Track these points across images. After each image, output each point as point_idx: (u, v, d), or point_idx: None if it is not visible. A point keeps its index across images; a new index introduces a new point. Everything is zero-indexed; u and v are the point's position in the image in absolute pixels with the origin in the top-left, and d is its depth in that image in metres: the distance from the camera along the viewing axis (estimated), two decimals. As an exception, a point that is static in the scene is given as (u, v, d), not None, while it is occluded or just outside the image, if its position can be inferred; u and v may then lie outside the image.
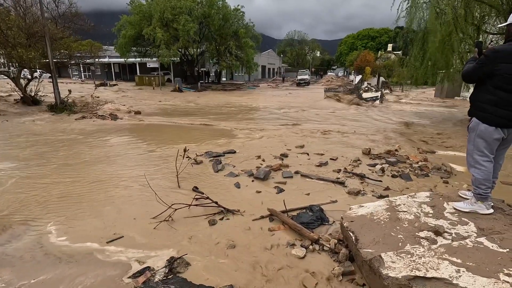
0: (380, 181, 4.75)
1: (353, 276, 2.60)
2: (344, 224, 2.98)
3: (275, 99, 20.27)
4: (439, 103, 17.65)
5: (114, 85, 26.82)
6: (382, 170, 5.29)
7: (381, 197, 4.14)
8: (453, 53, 9.46)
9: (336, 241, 3.03)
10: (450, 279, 1.96)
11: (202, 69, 32.98)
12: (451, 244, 2.35)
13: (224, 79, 38.64)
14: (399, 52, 51.53)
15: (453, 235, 2.51)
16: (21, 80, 12.05)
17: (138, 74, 31.12)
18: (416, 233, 2.63)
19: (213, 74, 35.17)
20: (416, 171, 5.31)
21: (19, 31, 10.72)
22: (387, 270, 2.14)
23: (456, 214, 2.84)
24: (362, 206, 3.29)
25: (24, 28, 10.95)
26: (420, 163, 5.77)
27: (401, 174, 5.10)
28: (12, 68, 12.85)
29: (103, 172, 5.17)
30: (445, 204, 3.05)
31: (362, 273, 2.60)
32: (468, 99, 2.95)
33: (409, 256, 2.26)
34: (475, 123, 2.71)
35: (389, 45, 56.04)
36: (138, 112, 11.87)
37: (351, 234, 2.81)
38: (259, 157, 6.13)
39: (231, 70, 32.19)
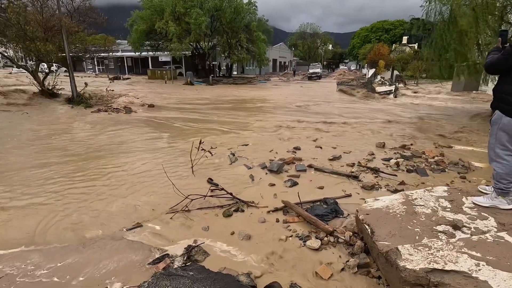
0: (395, 175, 4.70)
1: (368, 268, 2.62)
2: (360, 217, 2.99)
3: (287, 92, 20.14)
4: (456, 97, 17.13)
5: (127, 78, 27.22)
6: (397, 164, 5.22)
7: (396, 191, 4.09)
8: (474, 45, 9.13)
9: (351, 233, 3.04)
10: (470, 272, 1.95)
11: (213, 62, 33.01)
12: (470, 238, 2.33)
13: (235, 72, 38.59)
14: (414, 45, 50.15)
15: (472, 229, 2.48)
16: (39, 74, 12.37)
17: (150, 68, 31.43)
18: (434, 227, 2.61)
19: (224, 67, 35.16)
20: (432, 166, 5.22)
21: (36, 25, 10.98)
22: (404, 262, 2.15)
23: (475, 209, 2.79)
24: (378, 199, 3.28)
25: (41, 22, 11.20)
26: (436, 158, 5.67)
27: (417, 168, 5.02)
28: (29, 62, 13.20)
29: (122, 163, 5.31)
30: (463, 199, 3.01)
31: (377, 265, 2.61)
32: (488, 92, 2.87)
33: (426, 249, 2.26)
34: (498, 116, 2.65)
35: (403, 37, 54.52)
36: (151, 106, 12.04)
37: (367, 226, 2.82)
38: (272, 150, 6.15)
39: (242, 63, 32.10)
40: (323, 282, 2.47)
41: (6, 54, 12.31)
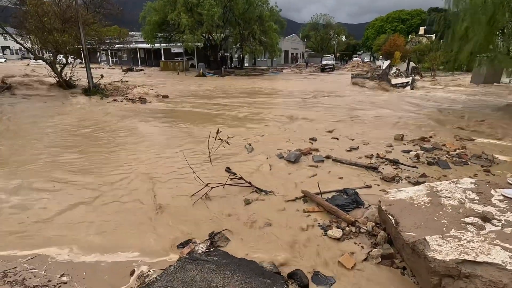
0: (416, 167, 4.60)
1: (392, 259, 2.59)
2: (383, 207, 2.94)
3: (300, 84, 19.91)
4: (475, 89, 16.54)
5: (140, 70, 27.49)
6: (417, 156, 5.11)
7: (417, 183, 4.01)
8: (498, 34, 8.73)
9: (373, 224, 3.01)
10: (504, 264, 1.90)
11: (225, 54, 32.87)
12: (502, 231, 2.26)
13: (246, 64, 38.36)
14: (432, 35, 48.47)
15: (503, 222, 2.40)
16: (57, 66, 12.61)
17: (163, 59, 31.59)
18: (462, 219, 2.54)
19: (236, 59, 34.96)
20: (454, 159, 5.08)
21: (54, 17, 11.15)
22: (433, 253, 2.11)
23: (505, 201, 2.71)
24: (401, 190, 3.22)
25: (59, 13, 11.36)
26: (457, 150, 5.51)
27: (438, 161, 4.90)
28: (46, 54, 13.44)
29: (144, 152, 5.40)
30: (492, 191, 2.91)
31: (402, 256, 2.57)
32: (511, 84, 2.74)
33: (456, 240, 2.20)
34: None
35: (421, 28, 52.75)
36: (165, 96, 12.14)
37: (390, 217, 2.77)
38: (288, 140, 6.11)
39: (254, 55, 31.81)
40: (346, 272, 2.46)
41: (26, 46, 12.57)
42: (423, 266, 2.16)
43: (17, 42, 12.11)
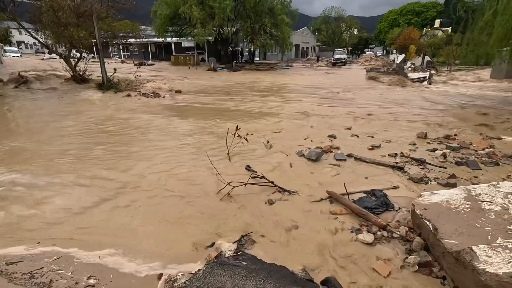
0: (444, 167, 4.39)
1: (430, 268, 2.44)
2: (417, 212, 2.78)
3: (313, 79, 19.57)
4: (497, 84, 15.91)
5: (152, 64, 27.55)
6: (444, 156, 4.89)
7: (447, 185, 3.83)
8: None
9: (406, 228, 2.86)
10: None
11: (236, 48, 32.58)
12: (558, 241, 2.08)
13: (257, 58, 37.97)
14: (448, 28, 46.88)
15: (557, 231, 2.22)
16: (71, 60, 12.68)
17: (174, 53, 31.55)
18: (507, 226, 2.37)
19: (246, 53, 34.64)
20: (483, 159, 4.83)
21: (69, 11, 11.16)
22: (483, 264, 1.95)
23: (555, 208, 2.51)
24: (435, 193, 3.05)
25: (73, 8, 11.37)
26: (486, 149, 5.25)
27: (467, 161, 4.67)
28: (59, 49, 13.49)
29: (165, 148, 5.35)
30: (538, 196, 2.72)
31: (441, 264, 2.42)
32: None
33: (507, 251, 2.04)
34: None
35: (436, 20, 51.12)
36: (178, 91, 12.08)
37: (427, 222, 2.62)
38: (306, 137, 5.96)
39: (264, 49, 31.39)
40: (381, 279, 2.33)
41: (41, 40, 12.67)
42: (471, 279, 2.01)
43: (33, 37, 12.20)
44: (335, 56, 36.08)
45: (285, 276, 2.21)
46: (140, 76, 15.09)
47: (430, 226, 2.56)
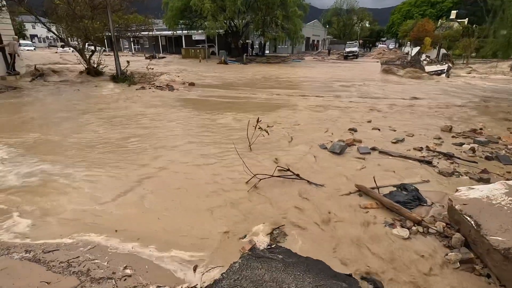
0: (475, 162, 4.24)
1: (472, 265, 2.35)
2: (456, 207, 2.68)
3: (326, 71, 19.27)
4: (518, 78, 15.37)
5: (163, 57, 27.57)
6: (473, 150, 4.72)
7: (481, 180, 3.69)
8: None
9: (443, 224, 2.76)
10: None
11: (246, 41, 32.28)
12: None
13: (267, 51, 37.58)
14: (464, 20, 45.34)
15: None
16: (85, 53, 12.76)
17: (184, 46, 31.48)
18: (557, 223, 2.25)
19: (257, 46, 34.29)
20: (514, 153, 4.65)
21: (84, 4, 11.19)
22: (539, 262, 1.85)
23: None
24: (473, 188, 2.93)
25: (88, 0, 11.39)
26: (516, 144, 5.05)
27: (498, 155, 4.50)
28: (73, 42, 13.58)
29: (184, 143, 5.33)
30: None
31: (484, 262, 2.32)
32: None
33: None
34: None
35: (452, 12, 49.47)
36: (192, 84, 12.04)
37: (468, 218, 2.51)
38: (327, 130, 5.85)
39: (275, 42, 31.03)
40: (422, 276, 2.25)
41: (56, 34, 12.77)
42: (523, 277, 1.91)
43: (49, 30, 12.31)
44: (347, 49, 35.40)
45: (323, 270, 2.16)
46: (152, 69, 15.11)
47: (472, 222, 2.46)
